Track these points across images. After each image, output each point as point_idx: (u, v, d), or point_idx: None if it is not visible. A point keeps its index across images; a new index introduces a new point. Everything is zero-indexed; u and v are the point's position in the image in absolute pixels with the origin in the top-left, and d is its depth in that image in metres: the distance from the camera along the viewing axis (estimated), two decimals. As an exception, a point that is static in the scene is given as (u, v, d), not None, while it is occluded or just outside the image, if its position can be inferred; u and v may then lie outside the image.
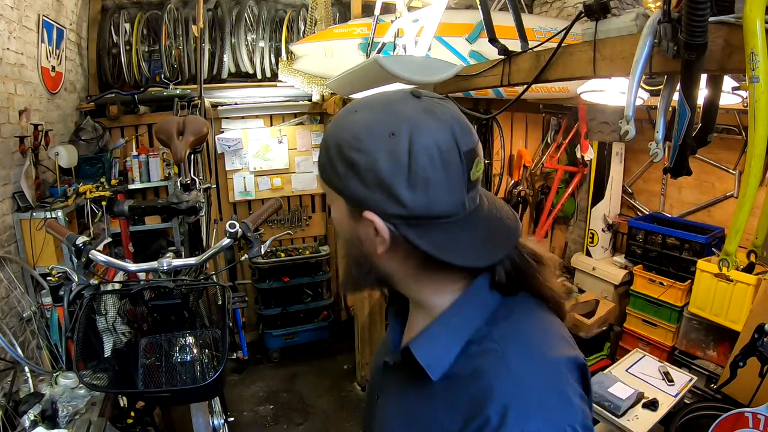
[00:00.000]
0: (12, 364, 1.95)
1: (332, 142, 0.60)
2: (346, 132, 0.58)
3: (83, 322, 1.29)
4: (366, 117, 0.59)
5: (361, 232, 0.61)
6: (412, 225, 0.57)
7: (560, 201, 3.83)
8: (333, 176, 0.60)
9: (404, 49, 2.08)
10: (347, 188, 0.58)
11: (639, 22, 1.14)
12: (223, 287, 1.45)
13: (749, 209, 0.99)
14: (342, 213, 0.62)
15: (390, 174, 0.55)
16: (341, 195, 0.60)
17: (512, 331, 0.59)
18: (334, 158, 0.59)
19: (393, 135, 0.55)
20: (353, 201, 0.59)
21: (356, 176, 0.57)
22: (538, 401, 0.53)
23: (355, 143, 0.57)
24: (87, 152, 3.06)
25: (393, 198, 0.56)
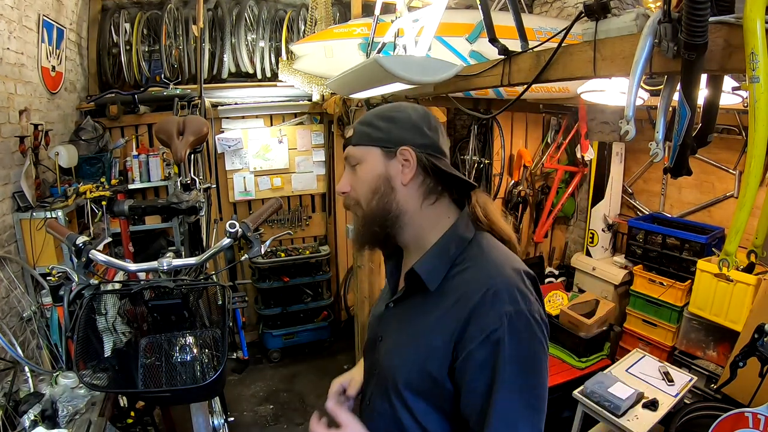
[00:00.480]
0: (12, 364, 1.95)
1: (371, 115, 0.90)
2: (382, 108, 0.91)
3: (83, 322, 1.29)
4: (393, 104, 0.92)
5: (392, 168, 0.86)
6: (431, 154, 0.86)
7: (560, 201, 3.83)
8: (372, 133, 0.87)
9: (404, 49, 2.08)
10: (390, 134, 0.86)
11: (639, 22, 1.14)
12: (223, 287, 1.45)
13: (749, 209, 0.99)
14: (374, 161, 0.86)
15: (419, 121, 0.87)
16: (380, 143, 0.86)
17: (482, 254, 0.83)
18: (375, 121, 0.88)
19: (414, 108, 0.90)
20: (394, 141, 0.85)
21: (396, 125, 0.87)
22: (509, 293, 0.75)
23: (394, 108, 0.90)
24: (87, 152, 3.07)
25: (421, 133, 0.86)
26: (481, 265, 0.81)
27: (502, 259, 0.82)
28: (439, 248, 0.85)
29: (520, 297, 0.76)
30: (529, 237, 3.95)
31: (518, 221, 3.74)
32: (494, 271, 0.79)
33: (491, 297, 0.75)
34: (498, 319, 0.73)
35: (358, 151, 0.88)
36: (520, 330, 0.74)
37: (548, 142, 3.84)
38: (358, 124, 0.90)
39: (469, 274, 0.80)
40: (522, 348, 0.73)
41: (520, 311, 0.74)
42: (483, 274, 0.79)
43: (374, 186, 0.86)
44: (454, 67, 1.63)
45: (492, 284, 0.76)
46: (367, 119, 0.89)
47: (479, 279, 0.78)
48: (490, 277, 0.77)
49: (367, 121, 0.89)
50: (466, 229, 0.86)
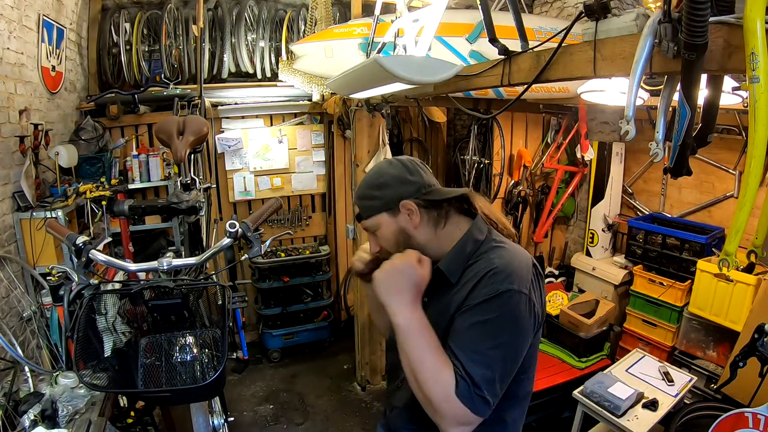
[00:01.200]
0: (12, 364, 1.95)
1: (364, 189, 1.08)
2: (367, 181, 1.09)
3: (83, 322, 1.29)
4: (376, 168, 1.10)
5: (402, 221, 1.04)
6: (423, 193, 1.03)
7: (560, 201, 3.83)
8: (374, 202, 1.05)
9: (404, 49, 2.08)
10: (385, 198, 1.04)
11: (639, 22, 1.14)
12: (223, 287, 1.45)
13: (749, 209, 0.99)
14: (386, 224, 1.05)
15: (400, 175, 1.05)
16: (383, 209, 1.04)
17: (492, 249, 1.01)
18: (369, 193, 1.06)
19: (390, 166, 1.08)
20: (392, 202, 1.03)
21: (386, 189, 1.04)
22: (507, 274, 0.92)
23: (377, 176, 1.07)
24: (87, 152, 3.07)
25: (408, 182, 1.04)
26: (490, 257, 0.98)
27: (510, 251, 1.00)
28: (456, 250, 1.04)
29: (516, 279, 0.92)
30: (529, 237, 3.94)
31: (518, 221, 3.74)
32: (499, 259, 0.96)
33: (491, 275, 0.93)
34: (493, 291, 0.91)
35: (370, 222, 1.07)
36: (511, 304, 0.90)
37: (548, 142, 3.84)
38: (358, 199, 1.09)
39: (480, 263, 0.98)
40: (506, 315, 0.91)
41: (512, 288, 0.91)
42: (490, 261, 0.96)
43: (395, 240, 1.06)
44: (454, 67, 1.63)
45: (494, 267, 0.94)
46: (364, 194, 1.07)
47: (487, 263, 0.96)
48: (493, 262, 0.96)
49: (365, 195, 1.07)
50: (479, 233, 1.04)
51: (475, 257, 1.01)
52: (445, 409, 0.88)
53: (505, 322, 0.90)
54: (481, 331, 0.90)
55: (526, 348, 0.95)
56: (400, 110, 4.18)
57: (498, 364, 0.89)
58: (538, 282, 0.99)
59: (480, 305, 0.92)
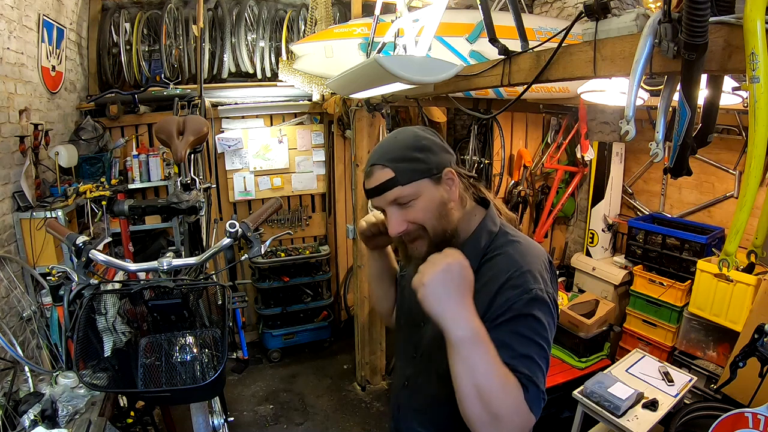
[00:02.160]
0: (12, 364, 1.95)
1: (397, 153, 0.94)
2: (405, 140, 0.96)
3: (83, 322, 1.29)
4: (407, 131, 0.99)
5: (443, 191, 0.94)
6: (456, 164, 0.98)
7: (560, 201, 3.83)
8: (417, 167, 0.92)
9: (404, 49, 2.07)
10: (430, 162, 0.93)
11: (639, 22, 1.14)
12: (223, 287, 1.45)
13: (749, 209, 0.99)
14: (429, 192, 0.93)
15: (438, 140, 0.97)
16: (427, 174, 0.93)
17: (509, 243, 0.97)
18: (410, 155, 0.93)
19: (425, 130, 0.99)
20: (438, 167, 0.94)
21: (430, 153, 0.94)
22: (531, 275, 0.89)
23: (418, 138, 0.96)
24: (87, 152, 3.07)
25: (447, 151, 0.98)
26: (508, 253, 0.94)
27: (526, 246, 0.97)
28: (472, 241, 0.99)
29: (540, 279, 0.90)
30: (529, 237, 3.95)
31: (518, 221, 3.74)
32: (519, 257, 0.93)
33: (516, 277, 0.89)
34: (520, 294, 0.87)
35: (409, 189, 0.92)
36: (538, 305, 0.88)
37: (548, 142, 3.84)
38: (392, 162, 0.92)
39: (499, 260, 0.94)
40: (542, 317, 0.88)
41: (539, 290, 0.88)
42: (510, 260, 0.93)
43: (436, 212, 0.94)
44: (454, 67, 1.63)
45: (518, 267, 0.90)
46: (403, 156, 0.93)
47: (507, 263, 0.92)
48: (516, 262, 0.92)
49: (404, 157, 0.93)
50: (493, 224, 1.01)
51: (491, 252, 0.96)
52: (515, 422, 0.78)
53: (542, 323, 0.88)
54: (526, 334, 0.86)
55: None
56: (400, 110, 4.18)
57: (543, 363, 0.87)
58: (553, 275, 0.98)
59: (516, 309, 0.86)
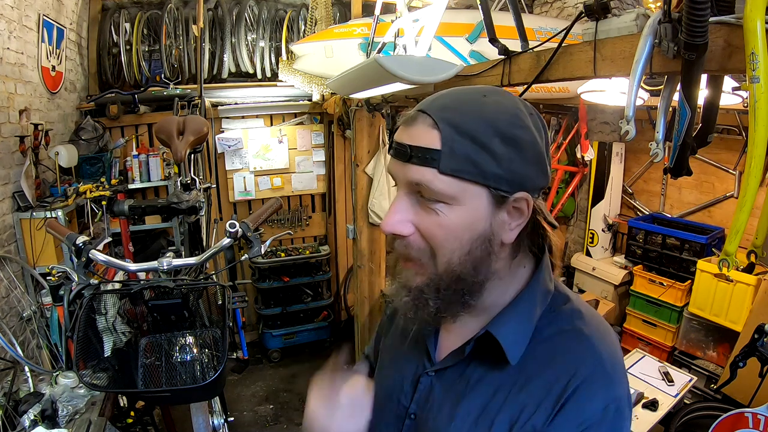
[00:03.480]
0: (12, 364, 1.95)
1: (474, 119, 0.55)
2: (499, 113, 0.56)
3: (83, 322, 1.29)
4: (506, 100, 0.58)
5: (496, 222, 0.57)
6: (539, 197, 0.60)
7: (560, 201, 3.83)
8: (483, 162, 0.54)
9: (404, 49, 2.08)
10: (509, 169, 0.55)
11: (639, 22, 1.14)
12: (223, 287, 1.45)
13: (749, 209, 0.99)
14: (476, 209, 0.56)
15: (544, 149, 0.57)
16: (494, 181, 0.55)
17: (576, 315, 0.62)
18: (489, 141, 0.54)
19: (532, 115, 0.57)
20: (512, 182, 0.55)
21: (519, 154, 0.55)
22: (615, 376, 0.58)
23: (517, 121, 0.55)
24: (87, 152, 3.07)
25: (544, 171, 0.58)
26: (576, 334, 0.60)
27: (597, 325, 0.63)
28: (522, 309, 0.62)
29: (625, 378, 0.60)
30: (529, 237, 3.95)
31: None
32: (597, 344, 0.59)
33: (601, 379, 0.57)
34: (602, 409, 0.56)
35: (448, 183, 0.55)
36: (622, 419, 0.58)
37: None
38: (453, 129, 0.55)
39: (567, 342, 0.60)
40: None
41: (622, 397, 0.58)
42: (581, 348, 0.59)
43: (468, 244, 0.57)
44: (454, 67, 1.63)
45: (601, 361, 0.58)
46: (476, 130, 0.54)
47: (583, 351, 0.59)
48: (598, 351, 0.59)
49: (475, 133, 0.54)
50: (549, 282, 0.65)
51: (545, 325, 0.61)
52: None
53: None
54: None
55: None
56: (400, 110, 4.18)
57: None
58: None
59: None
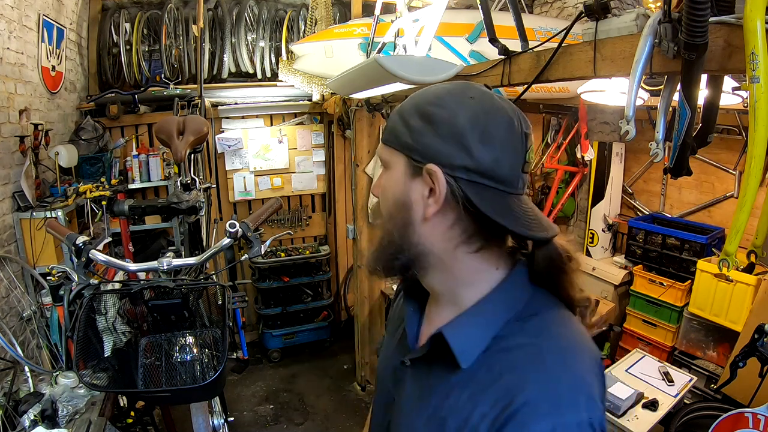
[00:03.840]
0: (12, 364, 1.95)
1: (408, 104, 0.64)
2: (425, 94, 0.63)
3: (83, 322, 1.29)
4: (446, 84, 0.64)
5: (414, 193, 0.61)
6: (472, 182, 0.58)
7: (560, 201, 3.83)
8: (402, 133, 0.62)
9: (404, 49, 2.08)
10: (418, 141, 0.60)
11: (639, 22, 1.14)
12: (223, 287, 1.45)
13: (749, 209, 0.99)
14: (398, 174, 0.63)
15: (466, 127, 0.58)
16: (407, 150, 0.62)
17: (544, 329, 0.60)
18: (409, 115, 0.62)
19: (473, 98, 0.61)
20: (422, 153, 0.60)
21: (431, 128, 0.60)
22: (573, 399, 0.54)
23: (435, 100, 0.61)
24: (87, 152, 3.07)
25: (465, 149, 0.58)
26: (544, 353, 0.57)
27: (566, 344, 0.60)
28: (481, 312, 0.62)
29: (585, 404, 0.55)
30: (529, 237, 3.95)
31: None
32: (553, 365, 0.56)
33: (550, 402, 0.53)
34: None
35: (385, 152, 0.65)
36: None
37: (548, 142, 3.84)
38: (396, 112, 0.66)
39: (520, 357, 0.57)
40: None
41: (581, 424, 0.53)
42: (541, 365, 0.56)
43: (392, 208, 0.64)
44: (454, 67, 1.63)
45: (553, 383, 0.54)
46: (408, 109, 0.63)
47: (535, 370, 0.55)
48: (552, 372, 0.55)
49: (407, 111, 0.63)
50: (523, 289, 0.63)
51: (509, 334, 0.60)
52: None
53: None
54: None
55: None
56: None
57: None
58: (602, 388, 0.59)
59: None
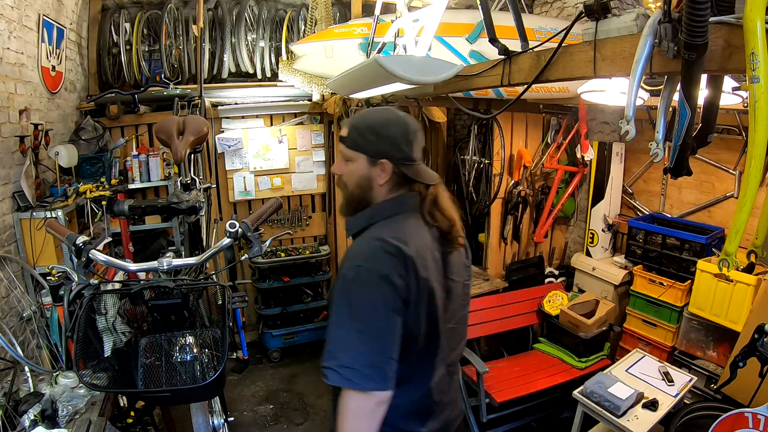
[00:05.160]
0: (12, 364, 1.95)
1: (364, 125, 1.15)
2: (370, 119, 1.17)
3: (83, 322, 1.29)
4: (380, 111, 1.21)
5: (373, 173, 1.14)
6: (402, 164, 1.14)
7: (560, 201, 3.83)
8: (363, 143, 1.13)
9: (404, 49, 2.07)
10: (374, 147, 1.13)
11: (639, 22, 1.14)
12: (223, 287, 1.45)
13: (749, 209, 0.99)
14: (361, 164, 1.14)
15: (399, 138, 1.13)
16: (366, 153, 1.13)
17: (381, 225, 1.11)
18: (365, 132, 1.14)
19: (396, 120, 1.15)
20: (376, 153, 1.12)
21: (380, 140, 1.12)
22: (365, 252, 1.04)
23: (378, 123, 1.15)
24: (87, 152, 3.06)
25: (398, 149, 1.13)
26: (371, 232, 1.09)
27: (388, 230, 1.07)
28: (365, 213, 1.16)
29: (371, 256, 1.02)
30: (529, 237, 3.94)
31: (518, 221, 3.73)
32: (373, 236, 1.07)
33: (353, 250, 1.07)
34: (350, 268, 1.02)
35: (350, 152, 1.16)
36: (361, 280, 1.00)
37: (548, 142, 3.84)
38: (353, 128, 1.15)
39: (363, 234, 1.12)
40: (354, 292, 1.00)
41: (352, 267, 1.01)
42: (365, 237, 1.09)
43: (358, 181, 1.16)
44: (454, 67, 1.63)
45: (361, 243, 1.08)
46: (360, 128, 1.15)
47: (362, 239, 1.10)
48: (366, 239, 1.08)
49: (360, 130, 1.14)
50: (391, 210, 1.13)
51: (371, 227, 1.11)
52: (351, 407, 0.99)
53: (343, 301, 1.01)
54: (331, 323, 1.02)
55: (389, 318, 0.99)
56: (400, 110, 4.17)
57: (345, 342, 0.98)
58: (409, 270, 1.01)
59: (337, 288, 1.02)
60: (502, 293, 3.39)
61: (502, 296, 3.34)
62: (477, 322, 3.12)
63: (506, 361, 3.18)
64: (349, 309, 0.98)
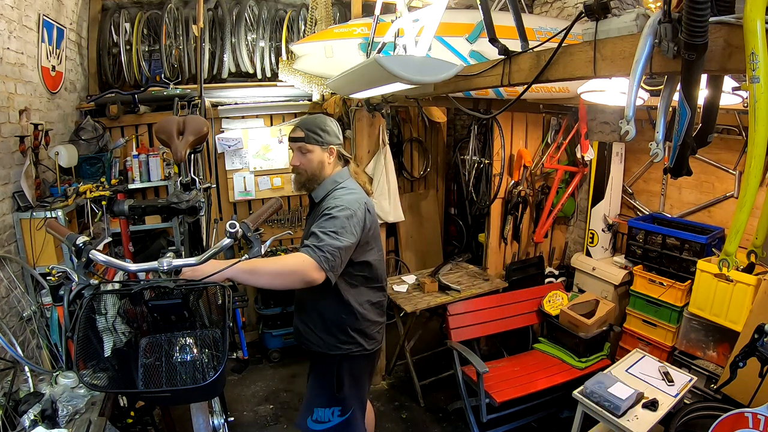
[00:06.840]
0: (12, 364, 1.95)
1: (314, 126, 1.79)
2: (318, 121, 1.81)
3: (83, 322, 1.29)
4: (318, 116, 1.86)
5: (324, 156, 1.80)
6: (339, 147, 1.85)
7: (560, 201, 3.83)
8: (317, 137, 1.77)
9: (404, 49, 2.07)
10: (325, 139, 1.79)
11: (639, 22, 1.14)
12: (223, 287, 1.45)
13: (749, 209, 0.99)
14: (317, 153, 1.79)
15: (336, 131, 1.84)
16: (320, 144, 1.78)
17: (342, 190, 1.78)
18: (318, 130, 1.78)
19: (331, 121, 1.85)
20: (327, 143, 1.79)
21: (328, 134, 1.80)
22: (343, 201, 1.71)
23: (324, 123, 1.81)
24: (87, 152, 3.06)
25: (337, 137, 1.84)
26: (339, 195, 1.75)
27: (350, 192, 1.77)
28: (325, 184, 1.82)
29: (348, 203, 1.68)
30: (529, 237, 3.94)
31: (518, 221, 3.73)
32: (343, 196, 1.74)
33: (333, 200, 1.72)
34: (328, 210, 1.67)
35: (308, 146, 1.77)
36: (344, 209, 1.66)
37: (548, 142, 3.84)
38: (307, 130, 1.77)
39: (332, 196, 1.75)
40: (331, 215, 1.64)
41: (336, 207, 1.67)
42: (337, 196, 1.74)
43: (316, 165, 1.79)
44: (454, 67, 1.63)
45: (342, 197, 1.72)
46: (312, 129, 1.77)
47: (335, 198, 1.73)
48: (342, 197, 1.73)
49: (314, 130, 1.77)
50: (342, 177, 1.83)
51: (331, 192, 1.77)
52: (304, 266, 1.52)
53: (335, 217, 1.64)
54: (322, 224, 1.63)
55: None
56: (400, 110, 4.18)
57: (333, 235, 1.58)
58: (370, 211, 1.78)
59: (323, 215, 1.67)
60: (502, 293, 3.39)
61: (502, 296, 3.34)
62: (477, 322, 3.12)
63: (506, 361, 3.18)
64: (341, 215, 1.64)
